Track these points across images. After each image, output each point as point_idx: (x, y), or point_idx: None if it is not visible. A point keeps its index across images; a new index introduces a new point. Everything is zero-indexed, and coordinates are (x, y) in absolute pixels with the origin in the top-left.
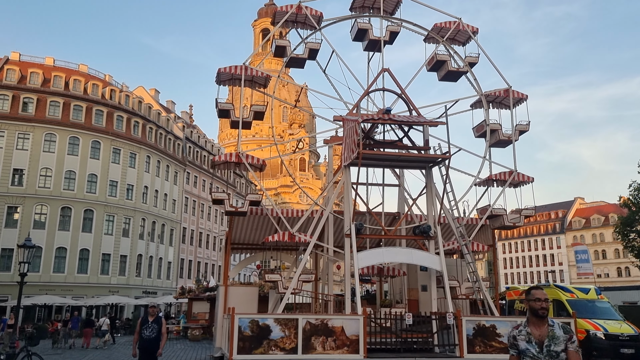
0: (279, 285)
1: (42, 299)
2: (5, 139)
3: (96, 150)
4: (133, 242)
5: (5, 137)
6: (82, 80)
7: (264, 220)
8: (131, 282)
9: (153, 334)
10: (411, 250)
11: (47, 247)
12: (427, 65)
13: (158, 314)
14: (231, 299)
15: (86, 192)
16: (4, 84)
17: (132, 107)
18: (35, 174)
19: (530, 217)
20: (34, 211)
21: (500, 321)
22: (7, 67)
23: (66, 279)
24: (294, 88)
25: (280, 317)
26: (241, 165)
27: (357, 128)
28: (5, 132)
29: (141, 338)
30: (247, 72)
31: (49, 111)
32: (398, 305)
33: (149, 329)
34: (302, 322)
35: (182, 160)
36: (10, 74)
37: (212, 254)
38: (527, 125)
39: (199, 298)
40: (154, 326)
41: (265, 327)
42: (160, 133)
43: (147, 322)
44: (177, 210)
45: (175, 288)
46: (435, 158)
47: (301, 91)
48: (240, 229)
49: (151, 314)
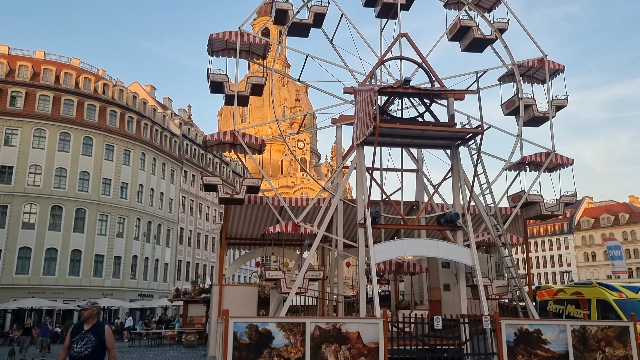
0: (281, 284)
1: (29, 303)
2: None
3: (88, 147)
4: (128, 243)
5: None
6: (74, 74)
7: (264, 210)
8: (126, 284)
9: (87, 349)
10: (437, 242)
11: (36, 248)
12: (449, 34)
13: (99, 319)
14: (227, 300)
15: (78, 191)
16: None
17: (126, 102)
18: (24, 172)
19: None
20: (23, 210)
21: (547, 325)
22: None
23: (57, 282)
24: (294, 87)
25: (284, 321)
26: (237, 147)
27: (373, 98)
28: None
29: (70, 356)
30: (243, 38)
31: (39, 105)
32: (419, 307)
33: (82, 341)
34: (310, 326)
35: (179, 158)
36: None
37: (210, 256)
38: (565, 100)
39: (195, 300)
40: (90, 337)
41: (266, 333)
42: (156, 129)
43: (79, 331)
44: (174, 210)
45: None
46: (466, 133)
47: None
48: (237, 221)
49: (86, 318)
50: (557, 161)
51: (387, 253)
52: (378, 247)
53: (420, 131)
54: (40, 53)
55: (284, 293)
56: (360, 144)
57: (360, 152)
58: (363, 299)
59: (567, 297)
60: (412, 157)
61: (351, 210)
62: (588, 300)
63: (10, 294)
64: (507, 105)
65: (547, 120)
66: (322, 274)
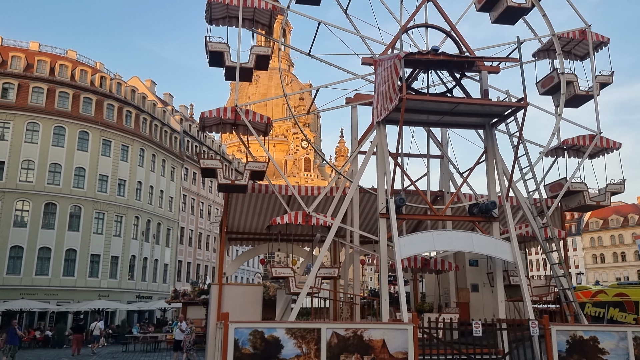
0: (290, 284)
1: (18, 305)
2: None
3: (84, 142)
4: (125, 242)
5: None
6: (69, 66)
7: (269, 200)
8: (123, 285)
9: None
10: (471, 234)
11: (28, 247)
12: (477, 3)
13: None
14: (227, 301)
15: (73, 187)
16: None
17: (124, 96)
18: (16, 167)
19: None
20: (15, 207)
21: (604, 332)
22: None
23: (50, 282)
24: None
25: (296, 326)
26: (239, 127)
27: (398, 66)
28: None
29: None
30: (247, 2)
31: (32, 98)
32: (447, 309)
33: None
34: (326, 333)
35: (179, 155)
36: None
37: (212, 256)
38: (610, 77)
39: (194, 302)
40: None
41: (274, 342)
42: (156, 125)
43: None
44: (174, 208)
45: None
46: (506, 108)
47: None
48: (239, 212)
49: None
50: (602, 145)
51: (414, 247)
52: (403, 240)
53: (452, 105)
54: (35, 44)
55: (293, 294)
56: (382, 121)
57: (382, 132)
58: (385, 300)
59: (608, 299)
60: (436, 141)
61: (367, 200)
62: (635, 302)
63: (0, 295)
64: (544, 82)
65: (588, 100)
66: (336, 272)
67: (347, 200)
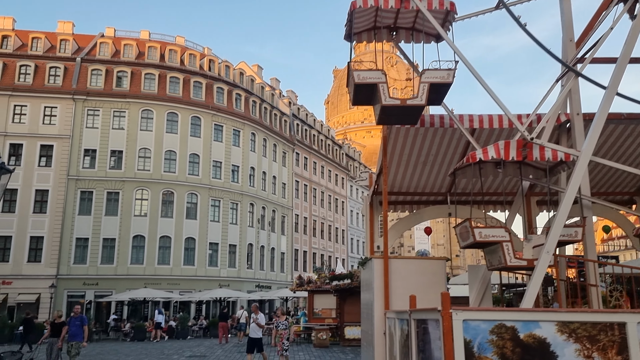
0: (505, 251)
1: (141, 294)
2: (101, 118)
3: (197, 127)
4: (242, 230)
5: (100, 116)
6: (178, 51)
7: (442, 138)
8: (242, 274)
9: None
10: None
11: (150, 237)
12: None
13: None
14: (396, 282)
15: (188, 174)
16: (96, 58)
17: (232, 79)
18: (133, 156)
19: None
20: (135, 196)
21: None
22: (100, 41)
23: (172, 272)
24: (404, 67)
25: (575, 319)
26: (399, 32)
27: None
28: (100, 110)
29: None
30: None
31: (144, 85)
32: None
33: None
34: (635, 330)
35: (290, 139)
36: (103, 49)
37: (327, 245)
38: None
39: (323, 290)
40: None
41: (537, 345)
42: (265, 107)
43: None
44: (287, 195)
45: (291, 281)
46: None
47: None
48: (398, 161)
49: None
50: None
51: None
52: None
53: None
54: (145, 33)
55: (511, 268)
56: None
57: None
58: None
59: None
60: None
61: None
62: None
63: (126, 285)
64: None
65: None
66: (581, 232)
67: (596, 127)
